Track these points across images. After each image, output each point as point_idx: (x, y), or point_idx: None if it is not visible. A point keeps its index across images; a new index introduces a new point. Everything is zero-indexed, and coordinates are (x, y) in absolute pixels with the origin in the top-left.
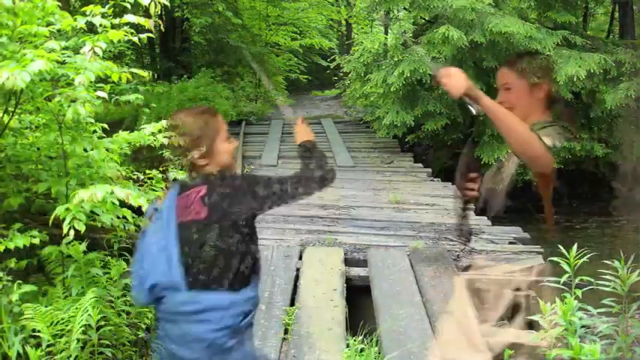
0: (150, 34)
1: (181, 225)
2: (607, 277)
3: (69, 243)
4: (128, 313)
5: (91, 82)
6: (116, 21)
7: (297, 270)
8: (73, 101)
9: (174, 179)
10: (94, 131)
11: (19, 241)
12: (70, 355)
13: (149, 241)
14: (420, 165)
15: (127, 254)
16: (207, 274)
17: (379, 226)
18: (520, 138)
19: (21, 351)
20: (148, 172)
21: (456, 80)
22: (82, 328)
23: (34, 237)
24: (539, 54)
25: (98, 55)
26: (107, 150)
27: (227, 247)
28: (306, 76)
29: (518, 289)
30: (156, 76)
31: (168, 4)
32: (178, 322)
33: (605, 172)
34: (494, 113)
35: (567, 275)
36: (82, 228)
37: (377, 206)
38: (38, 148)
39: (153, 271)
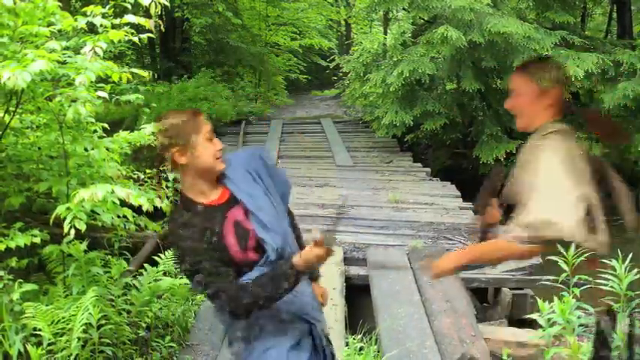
0: (150, 34)
1: None
2: (605, 275)
3: (70, 242)
4: (128, 312)
5: (91, 82)
6: (116, 21)
7: None
8: (74, 101)
9: (175, 179)
10: (95, 131)
11: (20, 240)
12: (71, 354)
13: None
14: (419, 164)
15: (127, 253)
16: None
17: (378, 226)
18: (499, 259)
19: (22, 349)
20: (148, 171)
21: (441, 270)
22: (83, 327)
23: (35, 236)
24: (551, 60)
25: (99, 55)
26: (107, 149)
27: None
28: (305, 76)
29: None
30: (156, 76)
31: (168, 4)
32: None
33: None
34: (474, 260)
35: (565, 274)
36: (82, 227)
37: (376, 205)
38: (39, 148)
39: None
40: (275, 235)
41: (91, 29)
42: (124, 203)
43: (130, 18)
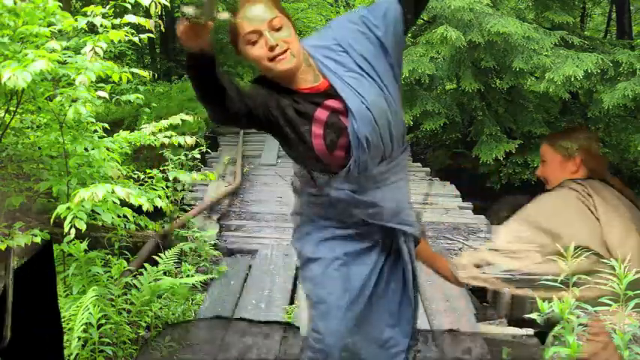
0: (150, 35)
1: None
2: (604, 275)
3: (70, 242)
4: (129, 312)
5: (91, 81)
6: (117, 21)
7: (297, 269)
8: (74, 101)
9: (174, 179)
10: (95, 131)
11: (21, 239)
12: (71, 353)
13: None
14: (419, 164)
15: (127, 253)
16: None
17: None
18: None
19: None
20: (148, 171)
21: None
22: (83, 327)
23: (35, 236)
24: (578, 128)
25: (99, 55)
26: (108, 149)
27: None
28: None
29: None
30: (156, 76)
31: (168, 4)
32: None
33: None
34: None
35: (565, 273)
36: (82, 227)
37: None
38: (39, 148)
39: None
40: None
41: (92, 29)
42: (124, 203)
43: (130, 18)
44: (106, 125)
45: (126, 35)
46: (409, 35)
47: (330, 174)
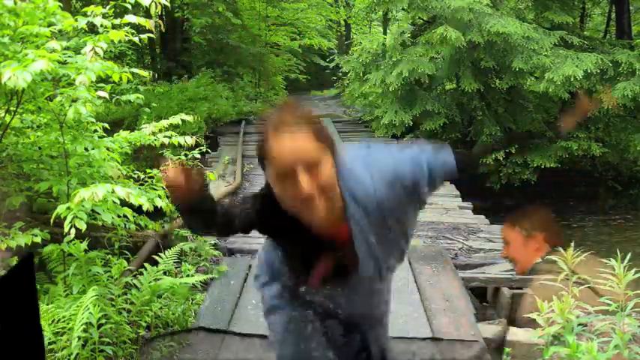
0: (150, 35)
1: None
2: (604, 275)
3: (70, 241)
4: (129, 311)
5: (92, 81)
6: (117, 21)
7: None
8: (74, 101)
9: None
10: (95, 130)
11: (21, 239)
12: (71, 353)
13: None
14: None
15: (127, 253)
16: None
17: None
18: None
19: None
20: (148, 171)
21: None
22: (83, 326)
23: (36, 235)
24: (536, 208)
25: (99, 55)
26: (108, 149)
27: None
28: (305, 76)
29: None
30: (156, 76)
31: (168, 4)
32: None
33: (602, 171)
34: None
35: (564, 273)
36: (82, 227)
37: None
38: (40, 148)
39: None
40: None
41: (92, 29)
42: (124, 203)
43: (130, 18)
44: (106, 125)
45: (126, 35)
46: (409, 35)
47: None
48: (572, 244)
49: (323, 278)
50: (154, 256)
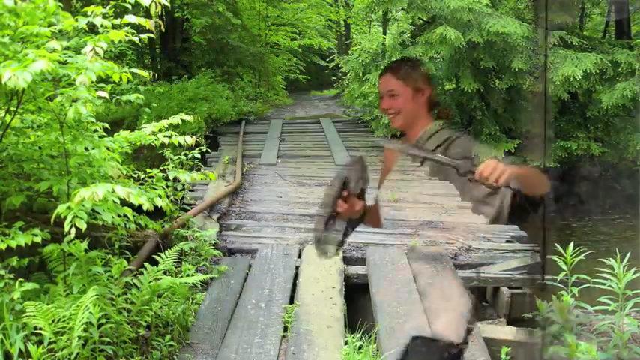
0: (150, 35)
1: None
2: (603, 275)
3: (70, 241)
4: (129, 311)
5: (92, 81)
6: (117, 21)
7: (297, 268)
8: (75, 101)
9: (174, 178)
10: (95, 130)
11: (21, 239)
12: (72, 353)
13: None
14: (418, 163)
15: (127, 252)
16: None
17: None
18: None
19: (23, 348)
20: (148, 171)
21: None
22: (84, 326)
23: (36, 235)
24: (418, 61)
25: (99, 55)
26: (108, 149)
27: None
28: (305, 76)
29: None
30: (156, 76)
31: (168, 4)
32: None
33: (601, 171)
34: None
35: (564, 273)
36: (83, 226)
37: None
38: (40, 148)
39: None
40: None
41: (92, 29)
42: (124, 202)
43: (130, 18)
44: (107, 125)
45: (126, 35)
46: (408, 35)
47: None
48: (572, 243)
49: None
50: (154, 256)
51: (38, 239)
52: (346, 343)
